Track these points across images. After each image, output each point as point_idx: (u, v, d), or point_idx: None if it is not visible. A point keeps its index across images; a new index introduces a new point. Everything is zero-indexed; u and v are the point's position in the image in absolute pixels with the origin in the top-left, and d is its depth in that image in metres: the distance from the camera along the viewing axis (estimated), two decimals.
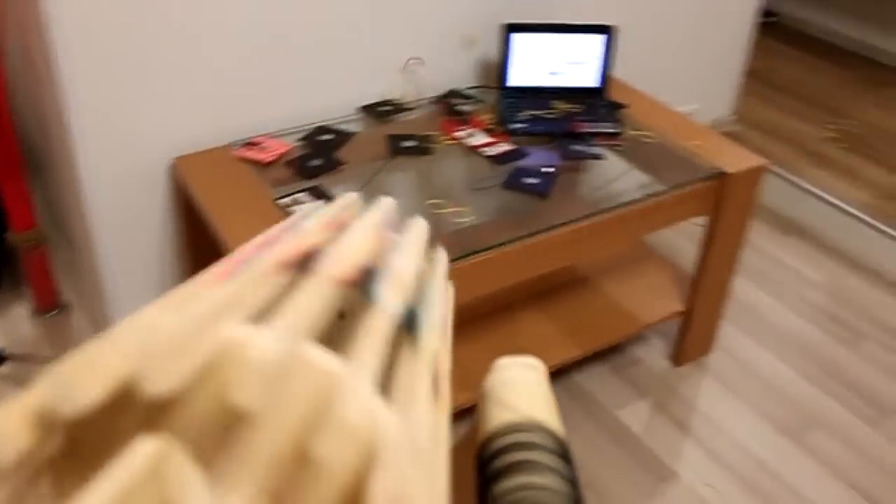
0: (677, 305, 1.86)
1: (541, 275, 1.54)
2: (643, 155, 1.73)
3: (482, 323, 1.76)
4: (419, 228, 0.46)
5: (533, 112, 1.78)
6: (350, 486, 0.26)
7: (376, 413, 0.27)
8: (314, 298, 0.33)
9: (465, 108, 1.82)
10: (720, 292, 1.85)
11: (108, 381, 0.27)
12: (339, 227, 0.43)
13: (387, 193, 0.45)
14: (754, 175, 1.68)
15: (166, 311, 0.32)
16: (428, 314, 0.39)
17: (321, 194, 1.49)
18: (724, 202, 1.67)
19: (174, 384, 0.27)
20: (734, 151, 1.73)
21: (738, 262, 1.81)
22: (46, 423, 0.27)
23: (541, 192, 1.55)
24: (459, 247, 1.38)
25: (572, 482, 0.43)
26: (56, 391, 0.27)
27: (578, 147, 1.68)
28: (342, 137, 1.68)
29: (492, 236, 1.43)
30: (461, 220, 1.47)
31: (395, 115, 1.79)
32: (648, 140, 1.75)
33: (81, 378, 0.27)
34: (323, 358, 0.28)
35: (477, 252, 1.39)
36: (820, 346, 2.05)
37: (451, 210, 1.49)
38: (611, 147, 1.71)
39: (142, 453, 0.25)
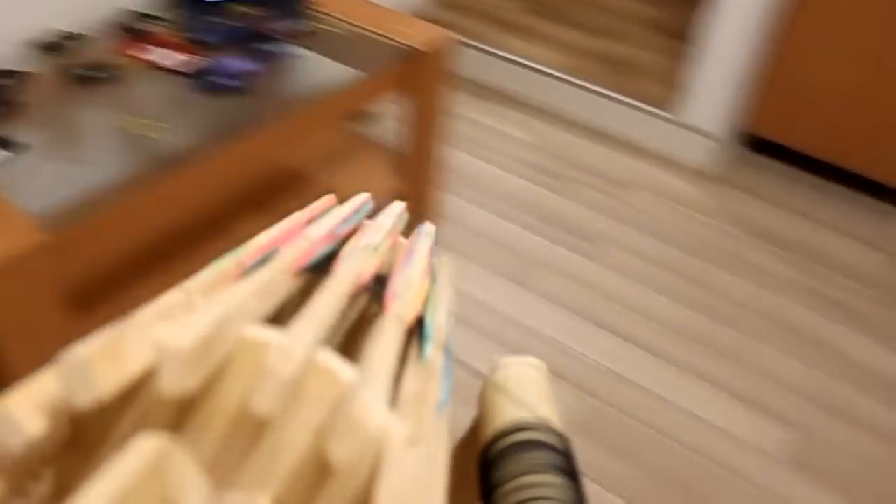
0: (397, 185, 1.93)
1: (258, 180, 1.54)
2: (337, 45, 1.75)
3: (204, 237, 1.73)
4: (427, 235, 0.46)
5: (217, 21, 1.75)
6: (361, 488, 0.26)
7: (386, 420, 0.26)
8: (332, 304, 0.32)
9: (148, 27, 1.76)
10: (436, 166, 1.94)
11: (126, 375, 0.27)
12: (350, 232, 0.42)
13: (77, 126, 0.41)
14: (446, 49, 1.76)
15: (188, 302, 0.31)
16: (434, 322, 0.39)
17: (5, 143, 1.41)
18: (420, 79, 1.73)
19: (192, 385, 0.27)
20: (427, 30, 1.78)
21: (449, 134, 1.89)
22: (59, 412, 0.27)
23: (237, 91, 1.55)
24: (161, 163, 1.36)
25: (577, 482, 0.43)
26: (73, 380, 0.26)
27: (268, 48, 1.69)
28: (16, 78, 1.58)
29: (195, 148, 1.41)
30: (161, 137, 1.44)
31: (73, 46, 1.70)
32: (340, 30, 1.78)
33: (101, 369, 0.26)
34: (338, 366, 0.28)
35: (181, 165, 1.37)
36: (535, 196, 2.22)
37: (150, 129, 1.46)
38: (301, 43, 1.73)
39: (144, 450, 0.25)
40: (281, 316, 0.32)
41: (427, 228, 0.48)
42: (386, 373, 0.30)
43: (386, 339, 0.32)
